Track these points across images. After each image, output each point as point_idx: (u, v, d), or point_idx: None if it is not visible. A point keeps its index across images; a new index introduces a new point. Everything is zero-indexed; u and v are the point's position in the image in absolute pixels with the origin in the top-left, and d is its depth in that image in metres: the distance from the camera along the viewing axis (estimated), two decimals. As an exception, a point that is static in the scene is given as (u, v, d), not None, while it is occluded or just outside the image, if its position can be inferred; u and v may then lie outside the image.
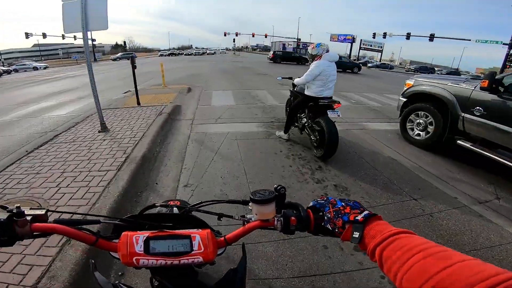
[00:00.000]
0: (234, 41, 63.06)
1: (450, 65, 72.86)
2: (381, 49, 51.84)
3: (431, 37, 29.57)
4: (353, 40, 48.91)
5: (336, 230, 0.60)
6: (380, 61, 50.84)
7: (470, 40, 29.52)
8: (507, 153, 3.13)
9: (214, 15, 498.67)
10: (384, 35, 34.06)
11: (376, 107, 7.35)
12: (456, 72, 37.87)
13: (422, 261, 0.41)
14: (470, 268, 0.37)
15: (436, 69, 40.45)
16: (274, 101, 7.22)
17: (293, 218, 0.61)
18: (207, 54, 58.15)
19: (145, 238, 0.59)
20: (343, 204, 0.62)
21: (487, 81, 3.11)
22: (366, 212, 0.58)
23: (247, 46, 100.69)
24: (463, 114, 3.53)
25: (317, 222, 0.62)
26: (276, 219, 0.63)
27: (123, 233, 0.60)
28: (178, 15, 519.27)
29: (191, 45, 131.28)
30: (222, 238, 0.65)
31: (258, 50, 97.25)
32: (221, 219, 0.74)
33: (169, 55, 52.69)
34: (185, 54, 56.24)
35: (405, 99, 4.65)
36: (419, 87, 4.37)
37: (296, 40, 56.75)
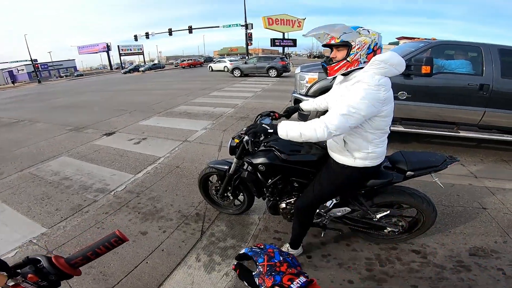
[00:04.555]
0: None
1: (197, 53, 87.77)
2: (141, 51, 51.97)
3: (190, 29, 33.42)
4: (108, 48, 45.00)
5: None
6: (144, 62, 51.40)
7: (219, 26, 35.98)
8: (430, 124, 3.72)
9: None
10: (147, 35, 34.16)
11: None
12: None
13: None
14: None
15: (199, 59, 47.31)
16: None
17: (30, 275, 0.58)
18: None
19: None
20: (281, 258, 0.55)
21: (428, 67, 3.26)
22: (302, 278, 0.50)
23: None
24: None
25: (74, 263, 0.62)
26: (20, 282, 0.58)
27: None
28: None
29: None
30: None
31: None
32: None
33: None
34: None
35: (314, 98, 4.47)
36: (327, 81, 3.96)
37: (30, 62, 42.96)
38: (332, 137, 1.39)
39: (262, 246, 0.59)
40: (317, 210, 1.89)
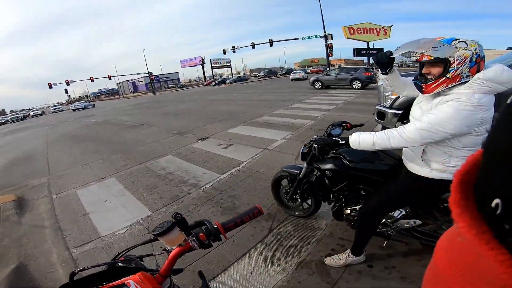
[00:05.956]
0: (66, 92, 53.26)
1: (279, 65, 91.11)
2: (229, 64, 57.72)
3: (271, 42, 35.40)
4: (203, 62, 51.96)
5: None
6: (232, 75, 56.68)
7: (298, 38, 37.07)
8: None
9: (27, 65, 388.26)
10: (233, 48, 37.85)
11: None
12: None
13: None
14: None
15: (277, 71, 49.47)
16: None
17: (201, 234, 0.73)
18: (32, 116, 37.82)
19: None
20: None
21: None
22: None
23: (86, 95, 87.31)
24: None
25: (227, 227, 0.77)
26: (190, 240, 0.72)
27: None
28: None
29: (2, 109, 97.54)
30: (157, 274, 0.74)
31: (103, 96, 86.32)
32: (143, 259, 0.87)
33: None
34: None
35: (400, 111, 3.94)
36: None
37: (147, 74, 53.61)
38: (408, 148, 1.34)
39: None
40: (383, 220, 1.81)
